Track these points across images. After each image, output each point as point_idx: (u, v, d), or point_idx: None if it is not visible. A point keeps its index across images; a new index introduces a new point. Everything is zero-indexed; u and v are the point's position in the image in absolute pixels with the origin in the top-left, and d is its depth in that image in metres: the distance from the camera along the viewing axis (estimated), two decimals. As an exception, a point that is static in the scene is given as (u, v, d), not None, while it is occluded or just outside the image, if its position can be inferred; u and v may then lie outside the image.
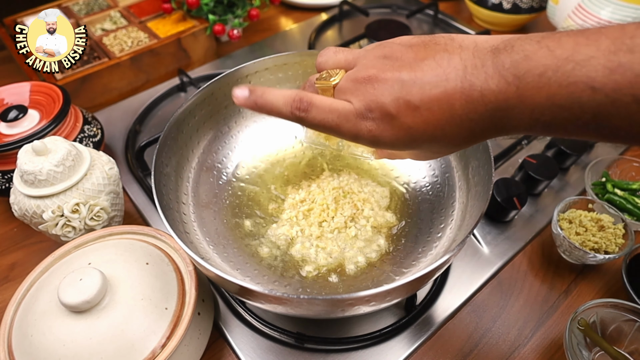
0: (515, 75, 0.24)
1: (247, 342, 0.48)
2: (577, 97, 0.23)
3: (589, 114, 0.23)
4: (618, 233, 0.53)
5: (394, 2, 1.02)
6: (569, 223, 0.54)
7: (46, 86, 0.61)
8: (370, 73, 0.29)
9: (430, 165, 0.56)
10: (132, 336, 0.38)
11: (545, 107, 0.24)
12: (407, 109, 0.28)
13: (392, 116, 0.28)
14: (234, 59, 0.87)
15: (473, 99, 0.26)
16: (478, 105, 0.26)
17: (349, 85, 0.31)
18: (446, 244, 0.47)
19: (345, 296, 0.34)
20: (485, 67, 0.26)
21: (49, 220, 0.47)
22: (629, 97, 0.22)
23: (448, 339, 0.49)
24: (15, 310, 0.42)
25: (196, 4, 0.79)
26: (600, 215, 0.54)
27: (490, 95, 0.25)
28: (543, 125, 0.25)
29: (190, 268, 0.44)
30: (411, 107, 0.28)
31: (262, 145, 0.60)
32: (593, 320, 0.47)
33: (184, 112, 0.50)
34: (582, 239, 0.52)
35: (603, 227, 0.53)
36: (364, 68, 0.30)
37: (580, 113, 0.23)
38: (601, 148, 0.69)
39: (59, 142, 0.48)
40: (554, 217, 0.54)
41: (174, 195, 0.48)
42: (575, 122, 0.24)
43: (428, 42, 0.29)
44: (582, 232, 0.53)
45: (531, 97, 0.24)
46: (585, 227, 0.53)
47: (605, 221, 0.54)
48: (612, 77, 0.22)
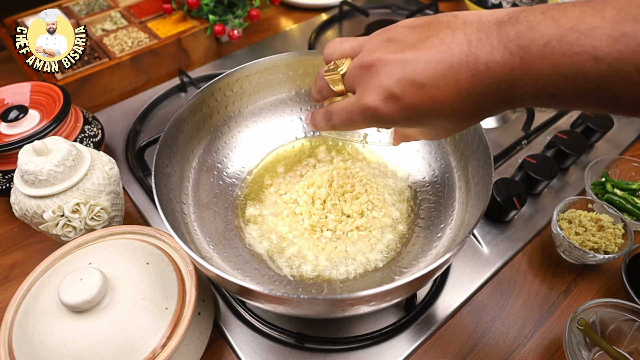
0: (520, 46, 0.25)
1: (247, 341, 0.48)
2: (581, 67, 0.23)
3: (592, 84, 0.23)
4: (617, 233, 0.53)
5: (394, 2, 1.02)
6: (569, 223, 0.54)
7: (47, 86, 0.61)
8: (374, 57, 0.30)
9: (430, 165, 0.56)
10: (132, 336, 0.39)
11: (549, 78, 0.24)
12: (413, 87, 0.28)
13: (397, 97, 0.29)
14: (234, 59, 0.87)
15: (479, 71, 0.26)
16: (484, 78, 0.26)
17: (355, 72, 0.32)
18: (446, 244, 0.47)
19: (345, 296, 0.34)
20: (490, 40, 0.26)
21: (49, 220, 0.47)
22: (631, 67, 0.22)
23: (448, 339, 0.49)
24: (16, 310, 0.42)
25: (196, 4, 0.80)
26: (599, 215, 0.54)
27: (495, 67, 0.26)
28: (547, 96, 0.25)
29: (191, 268, 0.45)
30: (417, 86, 0.28)
31: (262, 145, 0.60)
32: (593, 320, 0.47)
33: (184, 112, 0.50)
34: (581, 239, 0.52)
35: (603, 227, 0.53)
36: (368, 53, 0.31)
37: (583, 83, 0.23)
38: (601, 148, 0.69)
39: (59, 142, 0.48)
40: (554, 217, 0.54)
41: (175, 195, 0.48)
42: (578, 92, 0.24)
43: (431, 21, 0.30)
44: (581, 232, 0.53)
45: (535, 67, 0.24)
46: (584, 227, 0.53)
47: (604, 221, 0.54)
48: (615, 47, 0.22)
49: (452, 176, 0.52)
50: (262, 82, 0.57)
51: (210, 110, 0.54)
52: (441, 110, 0.29)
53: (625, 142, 0.70)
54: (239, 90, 0.56)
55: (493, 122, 0.73)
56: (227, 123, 0.57)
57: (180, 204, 0.49)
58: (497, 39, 0.26)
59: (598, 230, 0.53)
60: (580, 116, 0.67)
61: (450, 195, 0.51)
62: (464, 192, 0.49)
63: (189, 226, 0.48)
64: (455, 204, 0.50)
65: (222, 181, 0.56)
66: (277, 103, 0.60)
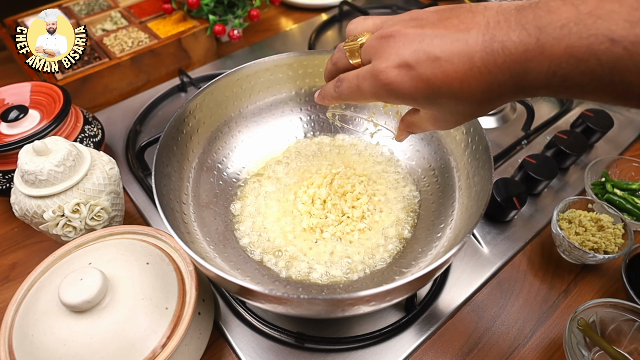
0: (537, 27, 0.25)
1: (247, 341, 0.48)
2: (595, 49, 0.23)
3: (605, 68, 0.24)
4: (617, 233, 0.53)
5: (394, 2, 1.02)
6: (569, 223, 0.54)
7: (47, 86, 0.61)
8: (394, 29, 0.31)
9: (430, 166, 0.56)
10: (132, 336, 0.39)
11: (563, 59, 0.25)
12: (427, 59, 0.29)
13: (410, 66, 0.30)
14: (235, 59, 0.87)
15: (493, 50, 0.27)
16: (498, 57, 0.27)
17: (373, 43, 0.33)
18: (446, 244, 0.47)
19: (345, 296, 0.34)
20: (508, 22, 0.27)
21: (49, 220, 0.47)
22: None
23: (448, 339, 0.49)
24: (16, 310, 0.42)
25: (196, 4, 0.80)
26: (599, 215, 0.54)
27: (510, 46, 0.26)
28: (559, 79, 0.26)
29: (191, 268, 0.45)
30: (431, 58, 0.29)
31: (263, 145, 0.60)
32: (592, 320, 0.47)
33: (184, 112, 0.50)
34: (581, 238, 0.52)
35: (602, 227, 0.53)
36: (388, 27, 0.32)
37: (596, 66, 0.24)
38: (601, 148, 0.69)
39: (59, 142, 0.48)
40: (554, 217, 0.54)
41: (175, 195, 0.48)
42: (590, 75, 0.24)
43: (454, 6, 0.31)
44: (581, 232, 0.53)
45: (550, 48, 0.25)
46: (584, 227, 0.53)
47: (604, 221, 0.54)
48: (632, 31, 0.22)
49: (452, 176, 0.52)
50: (262, 82, 0.57)
51: (210, 111, 0.54)
52: (452, 87, 0.29)
53: (625, 142, 0.70)
54: (239, 90, 0.56)
55: (493, 122, 0.73)
56: (227, 123, 0.57)
57: (180, 204, 0.49)
58: (515, 20, 0.26)
59: (598, 230, 0.53)
60: (580, 116, 0.68)
61: (450, 195, 0.51)
62: (464, 192, 0.49)
63: (189, 226, 0.48)
64: (455, 204, 0.50)
65: (222, 181, 0.56)
66: (277, 103, 0.60)
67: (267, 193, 0.55)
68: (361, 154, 0.59)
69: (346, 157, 0.59)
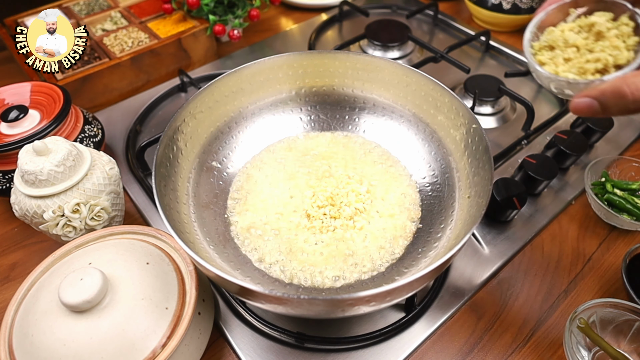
0: None
1: (247, 341, 0.48)
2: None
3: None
4: (625, 31, 0.36)
5: (394, 3, 1.02)
6: (550, 50, 0.38)
7: (47, 86, 0.61)
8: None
9: (430, 166, 0.56)
10: (132, 336, 0.39)
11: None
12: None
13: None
14: (235, 60, 0.87)
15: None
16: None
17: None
18: (446, 244, 0.47)
19: (345, 296, 0.34)
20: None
21: (49, 220, 0.47)
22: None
23: (448, 339, 0.49)
24: (16, 310, 0.42)
25: (196, 4, 0.80)
26: (589, 18, 0.37)
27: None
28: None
29: (191, 268, 0.45)
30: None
31: (263, 145, 0.60)
32: (592, 319, 0.47)
33: (184, 112, 0.50)
34: (576, 64, 0.36)
35: (601, 33, 0.37)
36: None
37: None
38: (601, 148, 0.69)
39: (59, 142, 0.48)
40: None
41: (175, 195, 0.48)
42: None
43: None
44: (573, 55, 0.37)
45: None
46: (575, 45, 0.37)
47: (599, 22, 0.36)
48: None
49: (452, 176, 0.52)
50: (262, 82, 0.57)
51: (210, 111, 0.54)
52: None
53: (625, 142, 0.70)
54: (239, 90, 0.56)
55: (493, 122, 0.73)
56: (227, 123, 0.57)
57: (181, 204, 0.49)
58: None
59: (596, 41, 0.37)
60: (580, 116, 0.68)
61: (450, 195, 0.51)
62: (464, 192, 0.49)
63: (189, 226, 0.48)
64: (455, 204, 0.50)
65: (222, 181, 0.56)
66: (277, 103, 0.60)
67: (266, 193, 0.55)
68: (361, 154, 0.59)
69: (346, 157, 0.59)
